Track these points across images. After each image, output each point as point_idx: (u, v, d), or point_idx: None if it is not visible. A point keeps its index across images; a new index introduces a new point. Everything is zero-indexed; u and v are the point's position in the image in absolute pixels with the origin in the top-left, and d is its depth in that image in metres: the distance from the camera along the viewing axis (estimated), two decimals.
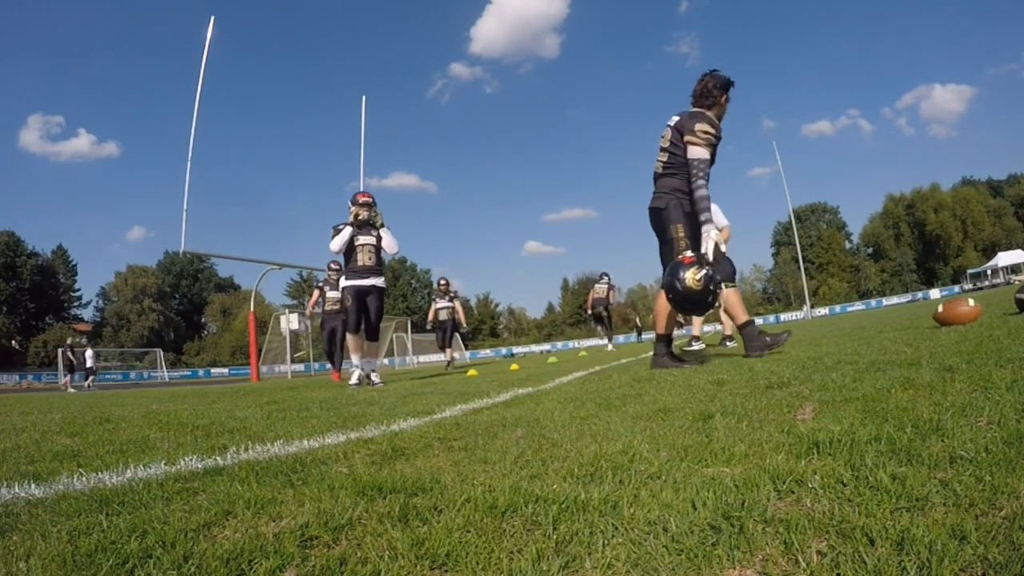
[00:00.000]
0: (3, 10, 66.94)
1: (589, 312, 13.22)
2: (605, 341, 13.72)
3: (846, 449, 1.08)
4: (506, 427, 1.84)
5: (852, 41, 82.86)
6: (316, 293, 9.10)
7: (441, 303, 11.19)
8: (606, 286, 12.94)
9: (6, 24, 68.54)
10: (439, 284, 11.53)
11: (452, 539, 0.84)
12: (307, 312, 9.62)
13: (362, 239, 5.52)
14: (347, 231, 5.45)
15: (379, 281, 5.62)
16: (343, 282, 5.60)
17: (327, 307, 8.75)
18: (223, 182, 74.86)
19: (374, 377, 5.49)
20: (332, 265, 8.71)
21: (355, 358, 5.63)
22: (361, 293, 5.52)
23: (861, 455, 1.03)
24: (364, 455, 1.52)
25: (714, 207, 6.62)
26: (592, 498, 0.96)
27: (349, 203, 5.59)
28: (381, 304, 5.68)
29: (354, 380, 5.48)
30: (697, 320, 6.89)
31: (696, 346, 6.54)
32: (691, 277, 3.26)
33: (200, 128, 11.52)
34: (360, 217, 5.47)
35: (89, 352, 18.64)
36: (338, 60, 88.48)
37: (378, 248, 5.59)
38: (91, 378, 18.05)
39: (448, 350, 11.39)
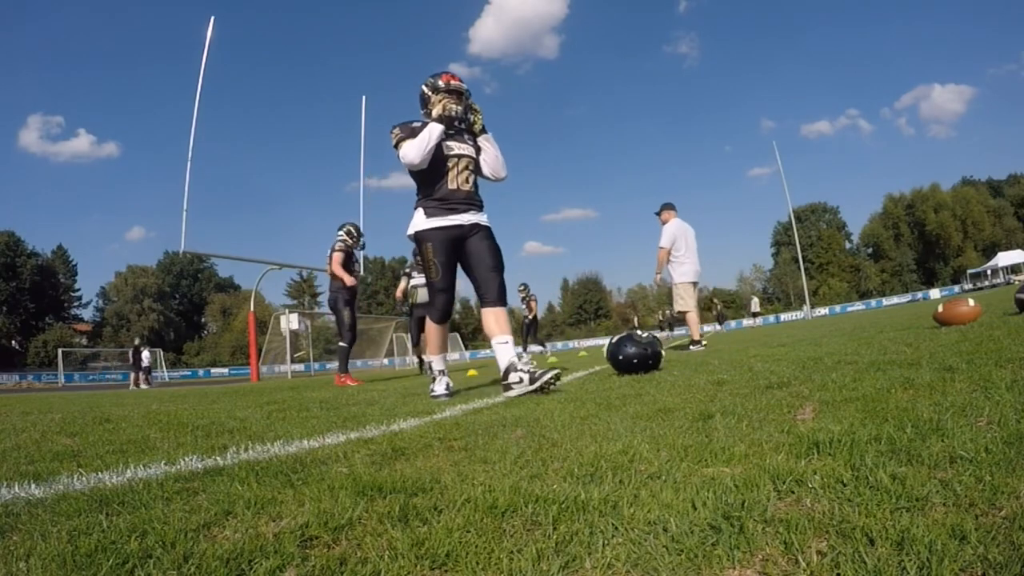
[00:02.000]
0: (3, 10, 66.97)
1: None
2: (543, 348, 13.76)
3: (846, 449, 1.08)
4: (506, 427, 1.83)
5: (851, 41, 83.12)
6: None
7: (419, 279, 8.04)
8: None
9: (6, 24, 68.56)
10: (416, 256, 8.80)
11: (452, 539, 0.84)
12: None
13: (455, 147, 3.27)
14: (434, 129, 3.16)
15: (483, 218, 3.35)
16: (421, 222, 3.26)
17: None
18: (223, 182, 75.00)
19: (527, 366, 2.98)
20: (340, 235, 7.05)
21: (437, 360, 3.50)
22: (455, 240, 3.26)
23: (861, 455, 1.03)
24: (364, 455, 1.51)
25: (679, 223, 6.93)
26: (592, 498, 0.96)
27: (426, 90, 3.32)
28: (496, 244, 3.36)
29: (441, 389, 3.33)
30: (694, 322, 6.95)
31: (695, 348, 6.57)
32: None
33: (200, 128, 11.51)
34: (448, 111, 3.21)
35: (145, 353, 19.54)
36: (337, 61, 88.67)
37: (477, 164, 3.38)
38: (143, 376, 18.75)
39: (422, 347, 8.26)
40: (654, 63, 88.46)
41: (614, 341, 3.57)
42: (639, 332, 3.61)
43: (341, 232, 7.07)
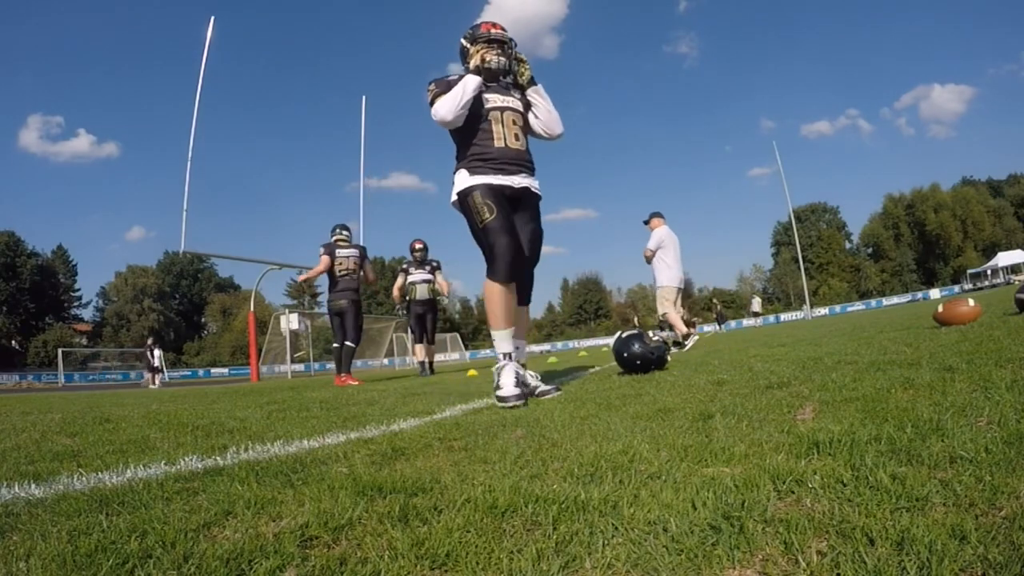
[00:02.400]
0: (3, 10, 67.00)
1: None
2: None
3: (846, 449, 1.08)
4: (506, 427, 1.83)
5: (851, 41, 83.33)
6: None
7: (417, 275, 7.82)
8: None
9: (6, 24, 68.60)
10: (414, 250, 7.94)
11: (452, 539, 0.84)
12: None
13: (496, 99, 2.87)
14: (469, 81, 2.78)
15: (535, 183, 2.95)
16: (464, 180, 2.82)
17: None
18: (223, 182, 75.20)
19: (532, 380, 2.79)
20: (345, 235, 7.03)
21: (501, 338, 2.80)
22: (510, 200, 2.84)
23: (861, 455, 1.03)
24: (364, 455, 1.51)
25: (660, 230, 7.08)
26: (592, 498, 0.96)
27: (464, 42, 2.93)
28: (540, 230, 2.99)
29: (509, 385, 2.57)
30: (677, 321, 6.98)
31: (690, 343, 6.66)
32: None
33: (200, 128, 11.54)
34: (488, 62, 2.83)
35: (157, 352, 19.91)
36: (337, 61, 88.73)
37: (526, 120, 2.97)
38: (156, 376, 19.07)
39: (423, 346, 7.96)
40: (654, 63, 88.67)
41: (623, 337, 3.56)
42: (651, 334, 3.61)
43: (345, 233, 6.99)
